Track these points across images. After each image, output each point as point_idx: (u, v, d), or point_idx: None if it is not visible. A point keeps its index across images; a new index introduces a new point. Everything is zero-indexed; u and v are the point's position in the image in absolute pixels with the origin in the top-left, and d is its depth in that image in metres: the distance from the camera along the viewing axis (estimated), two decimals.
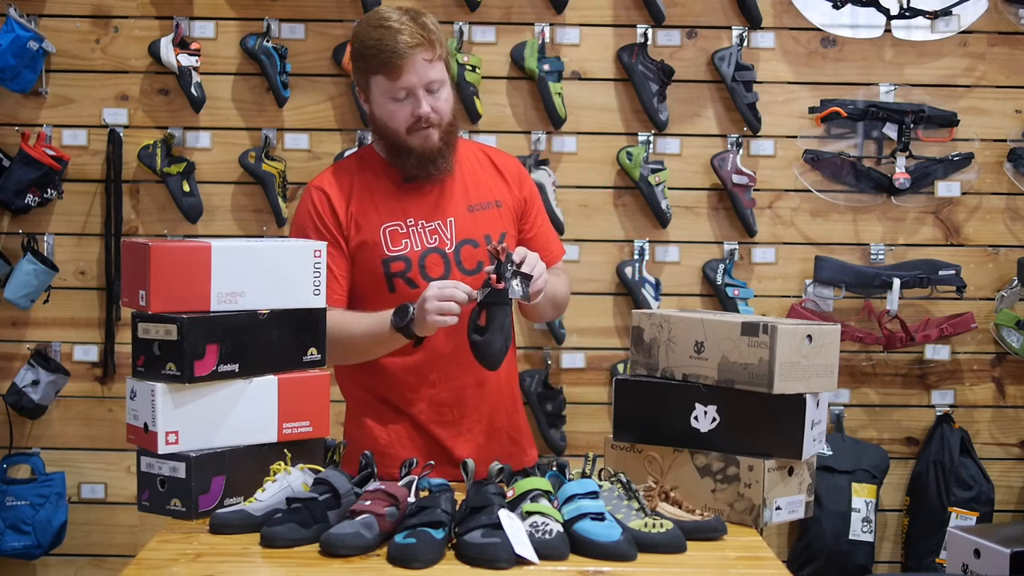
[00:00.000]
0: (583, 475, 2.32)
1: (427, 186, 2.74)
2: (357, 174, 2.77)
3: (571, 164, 4.10)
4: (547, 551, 2.14)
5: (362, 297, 2.75)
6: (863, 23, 4.12)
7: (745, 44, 4.09)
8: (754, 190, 4.08)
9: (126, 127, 4.07)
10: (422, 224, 2.72)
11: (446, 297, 2.53)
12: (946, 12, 4.07)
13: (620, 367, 4.04)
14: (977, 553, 3.13)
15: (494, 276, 2.52)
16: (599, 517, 2.22)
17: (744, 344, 2.40)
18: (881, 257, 4.15)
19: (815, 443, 2.46)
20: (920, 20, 4.08)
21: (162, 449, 2.34)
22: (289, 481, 2.34)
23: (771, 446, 2.40)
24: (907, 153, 4.07)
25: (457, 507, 2.25)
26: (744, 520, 2.40)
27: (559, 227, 3.99)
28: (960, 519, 4.01)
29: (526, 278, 2.54)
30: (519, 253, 2.56)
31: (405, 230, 2.72)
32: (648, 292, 4.02)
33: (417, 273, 2.71)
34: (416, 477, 2.32)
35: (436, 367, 2.73)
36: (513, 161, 2.90)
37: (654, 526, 2.24)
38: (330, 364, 2.61)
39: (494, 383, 2.77)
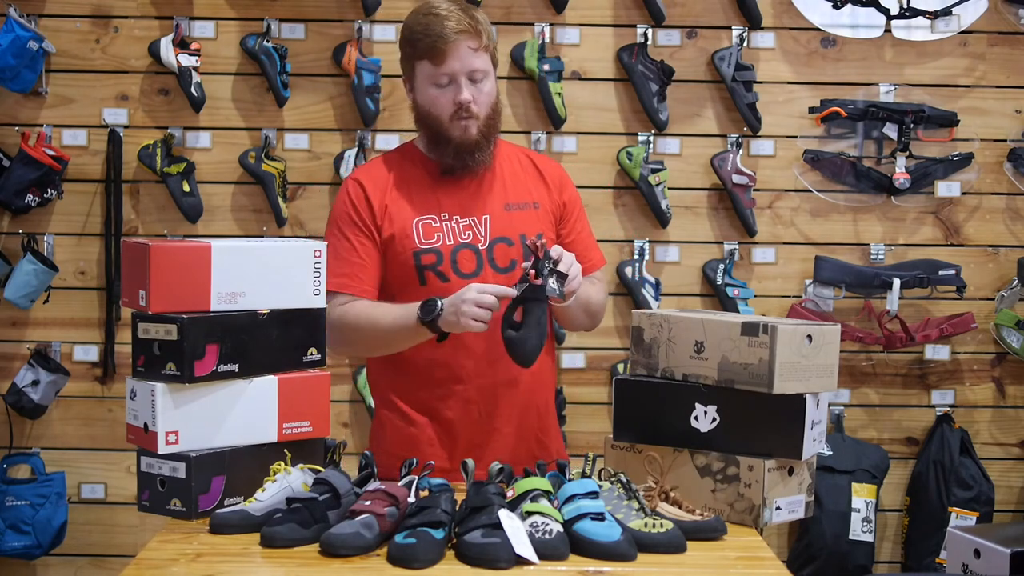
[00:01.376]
0: (583, 475, 2.32)
1: (464, 181, 2.74)
2: (396, 166, 2.79)
3: (571, 164, 4.09)
4: (547, 551, 2.14)
5: (393, 289, 2.76)
6: (863, 23, 4.12)
7: (745, 44, 4.09)
8: (754, 190, 4.08)
9: (126, 127, 4.07)
10: (456, 219, 2.73)
11: (484, 304, 2.51)
12: (946, 12, 4.07)
13: (620, 367, 4.04)
14: (977, 553, 3.13)
15: (532, 272, 2.50)
16: (599, 517, 2.22)
17: (744, 344, 2.40)
18: (881, 257, 4.15)
19: (815, 443, 2.46)
20: (920, 20, 4.08)
21: (162, 449, 2.34)
22: (289, 481, 2.34)
23: (771, 446, 2.40)
24: (907, 153, 4.07)
25: (457, 507, 2.25)
26: (744, 520, 2.40)
27: None
28: (960, 519, 4.01)
29: (562, 277, 2.52)
30: (555, 251, 2.55)
31: (438, 224, 2.72)
32: (648, 292, 4.03)
33: (448, 267, 2.71)
34: (416, 477, 2.32)
35: (468, 363, 2.72)
36: (556, 166, 2.90)
37: (654, 526, 2.24)
38: (355, 356, 2.60)
39: (527, 383, 2.74)
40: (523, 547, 2.12)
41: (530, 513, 2.21)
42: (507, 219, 2.75)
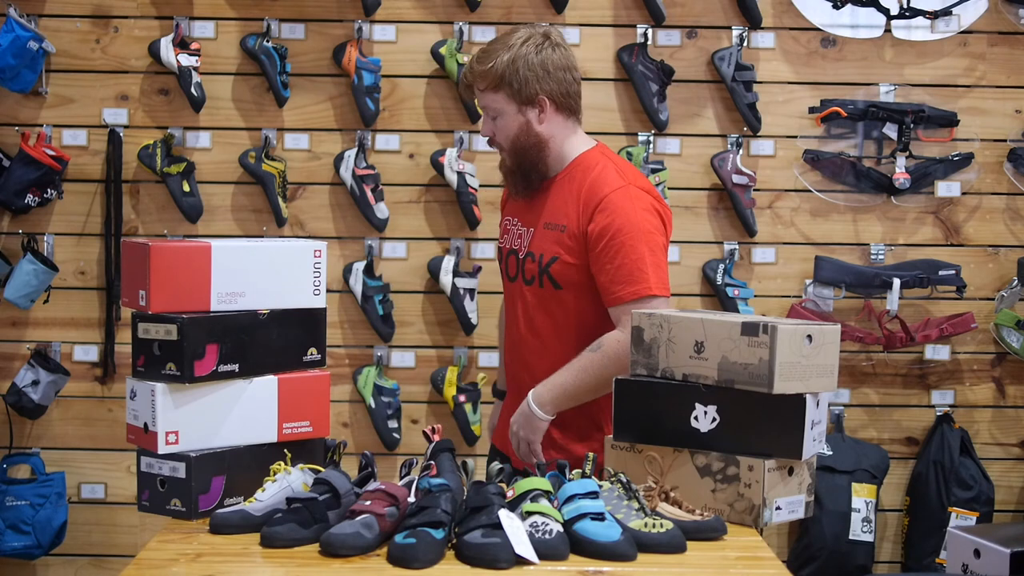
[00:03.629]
0: (583, 475, 2.32)
1: (532, 192, 2.89)
2: None
3: None
4: (547, 551, 2.14)
5: None
6: (863, 23, 4.12)
7: (745, 44, 4.09)
8: (754, 190, 4.08)
9: (126, 127, 4.07)
10: (518, 224, 2.92)
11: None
12: (946, 12, 4.07)
13: None
14: (977, 553, 3.13)
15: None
16: (599, 517, 2.22)
17: (744, 344, 2.40)
18: (881, 257, 4.15)
19: (815, 443, 2.46)
20: (920, 20, 4.08)
21: (162, 449, 2.34)
22: (289, 481, 2.34)
23: (771, 446, 2.40)
24: (907, 153, 4.07)
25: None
26: (744, 520, 2.40)
27: None
28: (960, 519, 4.01)
29: None
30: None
31: (509, 227, 2.95)
32: None
33: (503, 267, 2.98)
34: (416, 477, 2.32)
35: (509, 350, 3.00)
36: (598, 191, 2.78)
37: (654, 526, 2.24)
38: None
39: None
40: (523, 547, 2.12)
41: (530, 513, 2.21)
42: (542, 236, 2.84)
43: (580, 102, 2.89)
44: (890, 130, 4.09)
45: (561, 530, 2.19)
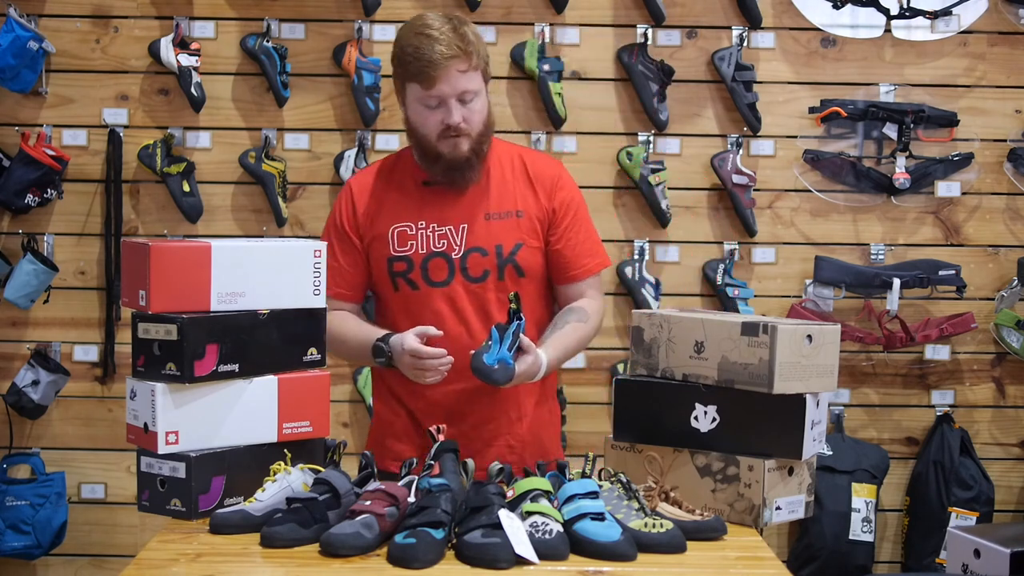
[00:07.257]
0: (583, 475, 2.32)
1: (448, 190, 2.74)
2: (388, 172, 2.83)
3: (571, 164, 4.07)
4: (547, 551, 2.14)
5: (376, 291, 2.83)
6: (863, 23, 4.12)
7: (745, 44, 4.09)
8: (754, 190, 4.08)
9: (126, 127, 4.07)
10: (433, 227, 2.74)
11: (423, 367, 2.59)
12: (946, 12, 4.07)
13: (620, 367, 4.04)
14: (977, 553, 3.13)
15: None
16: (599, 517, 2.22)
17: (744, 344, 2.40)
18: (881, 257, 4.15)
19: (815, 443, 2.46)
20: (920, 20, 4.08)
21: (162, 449, 2.34)
22: (289, 481, 2.34)
23: (771, 446, 2.40)
24: (907, 153, 4.07)
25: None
26: (744, 520, 2.40)
27: None
28: (960, 519, 4.01)
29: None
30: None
31: (414, 232, 2.74)
32: (648, 292, 4.02)
33: (419, 275, 2.73)
34: (416, 477, 2.32)
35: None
36: (550, 168, 2.84)
37: (654, 526, 2.24)
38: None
39: (493, 393, 2.71)
40: (523, 547, 2.12)
41: (530, 513, 2.21)
42: (485, 228, 2.73)
43: None
44: (890, 130, 4.09)
45: (561, 530, 2.19)
